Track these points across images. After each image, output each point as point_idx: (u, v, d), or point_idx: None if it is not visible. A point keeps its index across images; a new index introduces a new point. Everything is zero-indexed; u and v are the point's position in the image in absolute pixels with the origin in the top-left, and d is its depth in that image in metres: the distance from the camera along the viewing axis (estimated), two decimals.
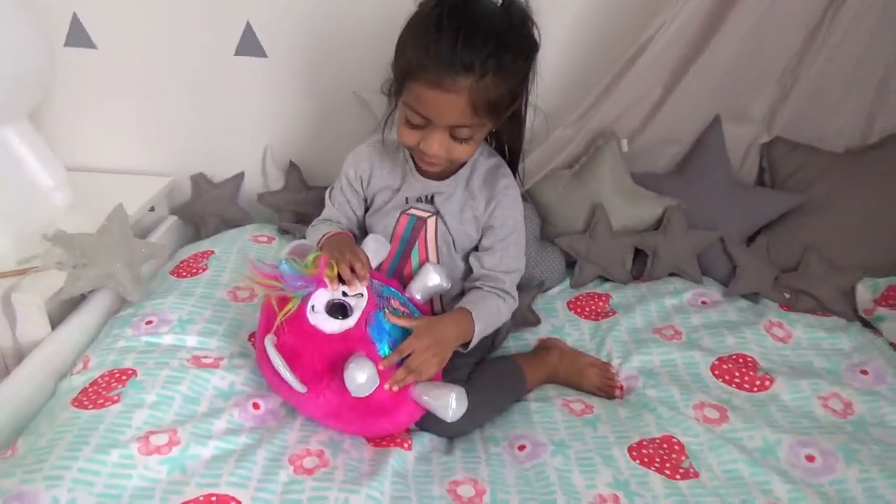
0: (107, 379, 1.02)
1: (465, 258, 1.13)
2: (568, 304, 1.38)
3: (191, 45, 1.45)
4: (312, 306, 0.96)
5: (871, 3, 1.26)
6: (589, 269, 1.42)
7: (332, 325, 0.95)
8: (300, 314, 0.95)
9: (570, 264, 1.45)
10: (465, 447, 1.02)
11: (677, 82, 1.35)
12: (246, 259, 1.35)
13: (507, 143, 1.11)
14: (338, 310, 0.96)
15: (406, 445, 0.99)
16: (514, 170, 1.13)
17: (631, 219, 1.45)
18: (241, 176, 1.60)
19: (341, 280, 0.98)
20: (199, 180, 1.59)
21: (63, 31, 1.43)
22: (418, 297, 1.08)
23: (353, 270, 0.97)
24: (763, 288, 1.38)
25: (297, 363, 0.92)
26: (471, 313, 1.02)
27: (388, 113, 1.03)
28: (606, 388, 1.16)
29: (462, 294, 1.12)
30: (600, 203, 1.42)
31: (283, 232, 1.48)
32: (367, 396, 0.91)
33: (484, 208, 1.09)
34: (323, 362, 0.93)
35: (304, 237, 1.16)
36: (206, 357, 1.09)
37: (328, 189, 1.17)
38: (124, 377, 1.02)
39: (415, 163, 1.08)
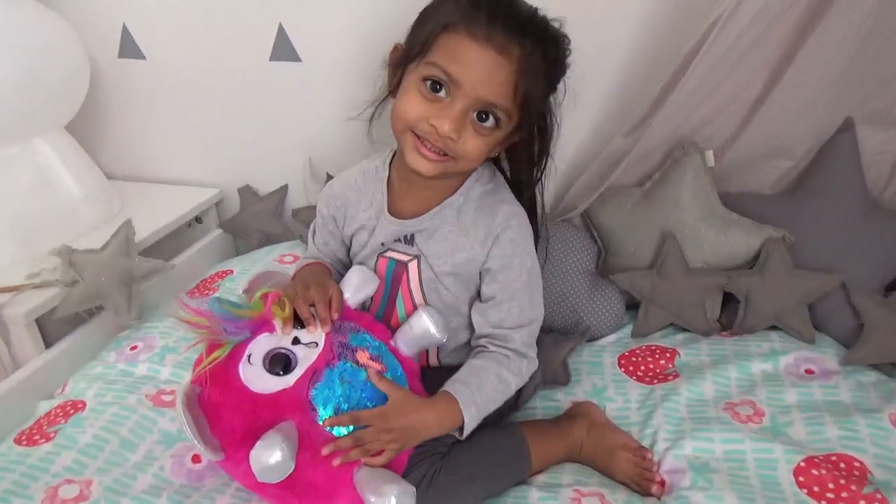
0: (58, 411, 0.95)
1: (470, 303, 0.91)
2: (619, 358, 1.08)
3: (231, 52, 1.38)
4: (249, 356, 0.79)
5: None
6: (656, 315, 1.13)
7: (263, 383, 0.77)
8: (232, 364, 0.79)
9: (636, 306, 1.16)
10: None
11: (780, 75, 1.01)
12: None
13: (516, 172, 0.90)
14: (279, 362, 0.78)
15: None
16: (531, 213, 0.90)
17: (719, 252, 1.12)
18: (284, 189, 1.51)
19: (301, 322, 0.81)
20: (246, 193, 1.52)
21: (116, 42, 1.43)
22: (403, 347, 0.86)
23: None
24: None
25: (217, 423, 0.76)
26: (457, 401, 0.80)
27: (380, 99, 0.85)
28: (640, 480, 0.88)
29: (463, 346, 0.92)
30: (671, 232, 1.12)
31: None
32: (298, 475, 0.73)
33: (480, 247, 0.85)
34: (243, 428, 0.75)
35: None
36: (170, 393, 0.99)
37: (311, 225, 1.01)
38: (72, 411, 0.94)
39: (389, 196, 0.89)
